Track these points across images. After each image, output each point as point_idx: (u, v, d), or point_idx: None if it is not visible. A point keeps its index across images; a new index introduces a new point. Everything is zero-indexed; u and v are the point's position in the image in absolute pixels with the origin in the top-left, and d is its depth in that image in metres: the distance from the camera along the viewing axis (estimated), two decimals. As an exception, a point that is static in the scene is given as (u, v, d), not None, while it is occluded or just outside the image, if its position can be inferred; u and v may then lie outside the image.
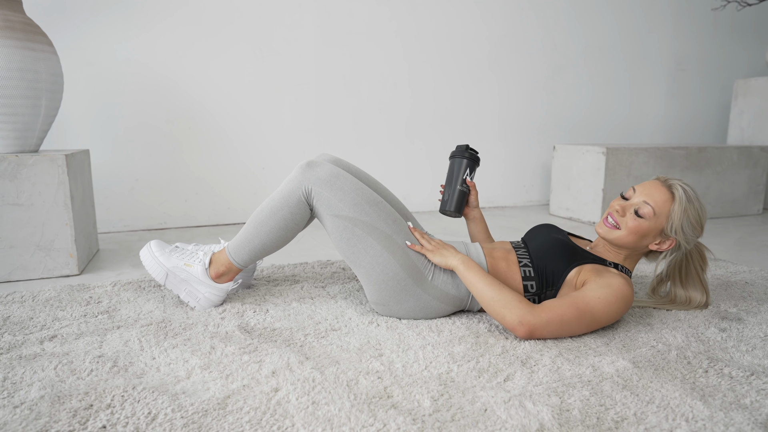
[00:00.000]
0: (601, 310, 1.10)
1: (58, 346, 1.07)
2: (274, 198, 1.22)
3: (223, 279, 1.28)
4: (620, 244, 1.22)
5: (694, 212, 1.18)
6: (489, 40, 2.85)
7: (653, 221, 1.18)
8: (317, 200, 1.19)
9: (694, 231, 1.20)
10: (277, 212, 1.21)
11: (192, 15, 2.28)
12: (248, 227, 1.24)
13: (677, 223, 1.18)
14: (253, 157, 2.47)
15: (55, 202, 1.57)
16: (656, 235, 1.20)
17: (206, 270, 1.26)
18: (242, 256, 1.25)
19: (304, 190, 1.20)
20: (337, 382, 0.92)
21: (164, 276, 1.27)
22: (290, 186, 1.20)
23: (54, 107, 1.71)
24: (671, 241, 1.20)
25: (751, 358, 1.05)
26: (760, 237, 2.29)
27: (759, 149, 2.81)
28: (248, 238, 1.24)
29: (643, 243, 1.21)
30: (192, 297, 1.28)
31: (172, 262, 1.27)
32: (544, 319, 1.07)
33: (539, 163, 3.10)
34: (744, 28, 3.50)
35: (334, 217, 1.19)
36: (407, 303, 1.21)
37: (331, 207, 1.19)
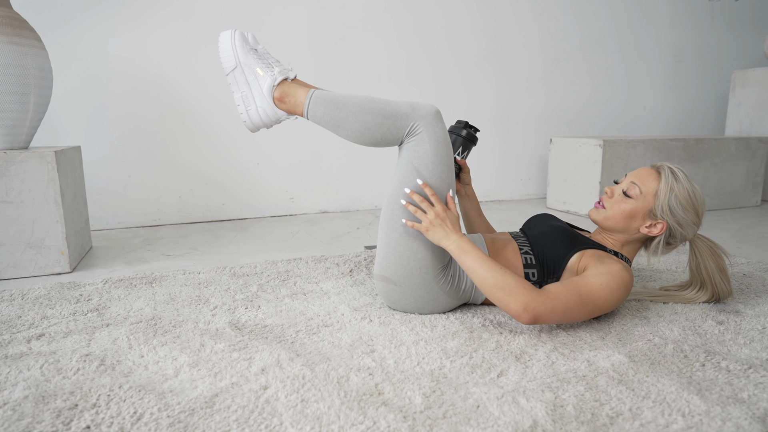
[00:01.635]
0: (603, 297, 1.08)
1: (45, 344, 1.05)
2: (389, 105, 1.15)
3: (282, 107, 1.21)
4: (609, 225, 1.21)
5: (682, 191, 1.15)
6: (485, 33, 2.82)
7: (640, 201, 1.17)
8: (416, 142, 1.14)
9: (686, 212, 1.16)
10: (378, 116, 1.15)
11: (184, 9, 2.25)
12: (345, 101, 1.17)
13: (663, 201, 1.15)
14: (247, 153, 2.45)
15: (45, 199, 1.55)
16: (645, 217, 1.18)
17: (273, 87, 1.20)
18: (316, 112, 1.18)
19: (413, 126, 1.14)
20: (327, 379, 0.91)
21: (232, 67, 1.21)
22: (409, 113, 1.14)
23: (43, 103, 1.69)
24: (661, 224, 1.17)
25: (749, 351, 1.04)
26: (758, 229, 2.28)
27: (757, 140, 2.79)
28: (337, 107, 1.16)
29: (633, 225, 1.19)
30: (245, 103, 1.22)
31: (248, 59, 1.21)
32: (549, 306, 1.03)
33: (536, 156, 3.08)
34: (742, 18, 3.48)
35: (415, 169, 1.14)
36: (419, 291, 1.18)
37: (421, 160, 1.14)
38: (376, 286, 1.25)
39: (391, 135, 1.16)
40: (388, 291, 1.21)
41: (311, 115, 1.19)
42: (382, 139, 1.16)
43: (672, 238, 1.21)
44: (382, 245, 1.19)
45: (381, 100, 1.16)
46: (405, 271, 1.17)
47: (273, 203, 2.54)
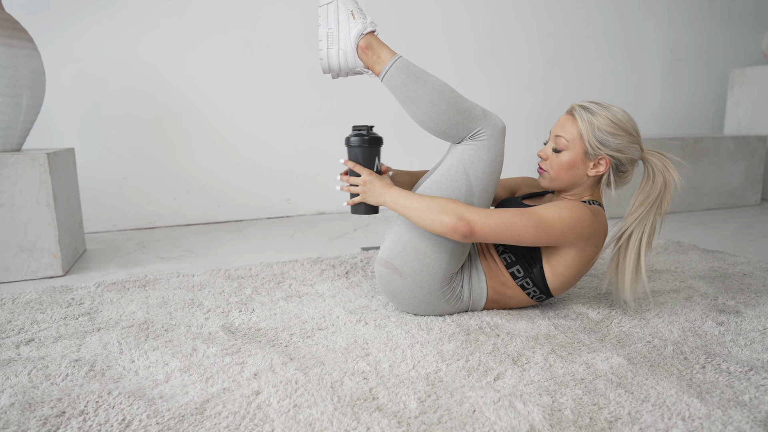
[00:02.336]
0: (550, 215, 1.08)
1: (34, 350, 1.03)
2: (466, 102, 1.14)
3: (363, 58, 1.18)
4: (560, 185, 1.19)
5: (602, 121, 1.12)
6: (483, 31, 2.81)
7: (571, 149, 1.15)
8: (475, 147, 1.13)
9: (616, 137, 1.11)
10: (452, 107, 1.13)
11: (178, 9, 2.23)
12: (427, 79, 1.15)
13: (590, 138, 1.12)
14: (243, 154, 2.44)
15: (38, 201, 1.54)
16: (585, 161, 1.15)
17: (361, 35, 1.17)
18: (394, 77, 1.15)
19: (479, 131, 1.13)
20: (320, 384, 0.89)
21: (329, 0, 1.17)
22: (480, 118, 1.13)
23: (36, 105, 1.67)
24: (603, 158, 1.13)
25: (749, 353, 1.02)
26: (758, 228, 2.26)
27: (756, 139, 2.78)
28: (417, 81, 1.14)
29: (579, 173, 1.16)
30: (328, 40, 1.19)
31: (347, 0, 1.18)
32: (483, 214, 1.06)
33: (534, 154, 3.06)
34: (740, 16, 3.46)
35: (464, 171, 1.13)
36: (422, 290, 1.16)
37: (474, 165, 1.13)
38: (377, 271, 1.21)
39: (455, 130, 1.14)
40: (389, 280, 1.18)
41: (387, 79, 1.16)
42: (446, 130, 1.15)
43: (621, 166, 1.15)
44: (401, 232, 1.17)
45: (459, 95, 1.15)
46: (415, 265, 1.15)
47: (269, 204, 2.52)
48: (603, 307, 1.27)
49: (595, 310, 1.24)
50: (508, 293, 1.21)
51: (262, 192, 2.50)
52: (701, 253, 1.78)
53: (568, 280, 1.17)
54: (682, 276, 1.53)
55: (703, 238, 2.07)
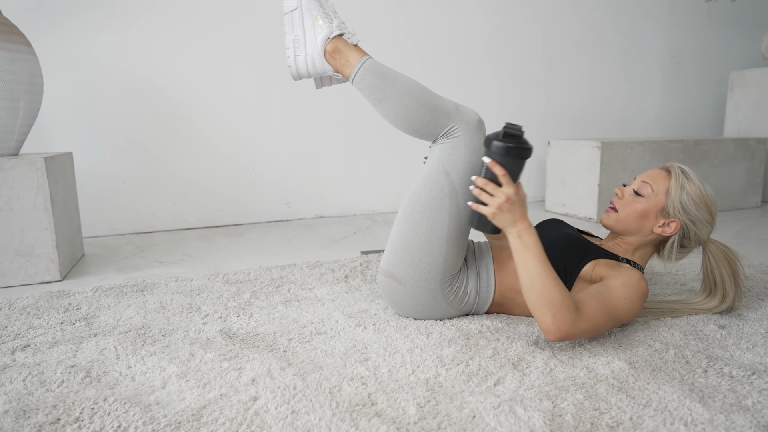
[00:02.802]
0: (626, 311, 1.04)
1: (30, 356, 1.02)
2: (436, 99, 1.12)
3: (332, 62, 1.18)
4: (622, 228, 1.18)
5: (693, 188, 1.13)
6: (481, 36, 2.81)
7: (652, 199, 1.15)
8: (452, 145, 1.10)
9: (698, 209, 1.13)
10: (422, 105, 1.11)
11: (178, 13, 2.23)
12: (396, 79, 1.13)
13: (675, 198, 1.13)
14: (242, 158, 2.43)
15: (35, 206, 1.53)
16: (657, 216, 1.15)
17: (327, 40, 1.16)
18: (363, 80, 1.14)
19: (452, 127, 1.11)
20: (319, 389, 0.88)
21: (293, 7, 1.17)
22: (452, 114, 1.11)
23: (33, 109, 1.67)
24: (675, 222, 1.14)
25: (752, 357, 1.01)
26: (758, 230, 2.26)
27: (756, 141, 2.77)
28: (385, 82, 1.13)
29: (646, 225, 1.15)
30: (294, 48, 1.18)
31: (311, 4, 1.17)
32: (580, 329, 0.98)
33: (534, 158, 3.06)
34: (738, 19, 3.47)
35: (444, 171, 1.11)
36: (422, 295, 1.15)
37: (452, 163, 1.11)
38: (379, 280, 1.21)
39: (428, 129, 1.13)
40: (390, 288, 1.18)
41: (357, 81, 1.16)
42: (419, 129, 1.14)
43: (686, 239, 1.16)
44: (394, 241, 1.16)
45: (430, 92, 1.14)
46: (413, 272, 1.14)
47: (269, 208, 2.51)
48: (604, 311, 1.26)
49: (595, 314, 1.23)
50: (517, 299, 1.19)
51: (261, 196, 2.49)
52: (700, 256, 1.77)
53: None
54: (684, 279, 1.52)
55: (704, 240, 2.06)
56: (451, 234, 1.12)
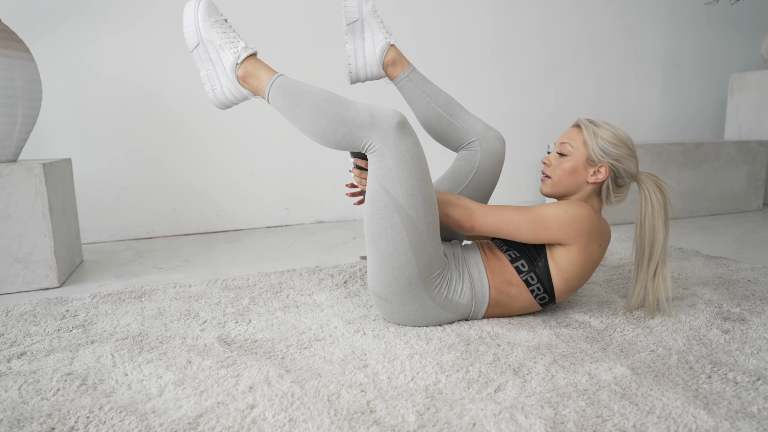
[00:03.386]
0: (548, 211, 1.12)
1: (26, 363, 1.01)
2: (348, 110, 1.10)
3: (246, 87, 1.19)
4: (560, 190, 1.22)
5: (605, 132, 1.19)
6: (481, 40, 2.81)
7: (575, 155, 1.20)
8: (377, 158, 1.09)
9: (617, 148, 1.18)
10: (332, 121, 1.10)
11: (176, 18, 2.23)
12: (303, 97, 1.12)
13: (594, 146, 1.18)
14: (241, 163, 2.42)
15: (33, 212, 1.52)
16: (586, 166, 1.19)
17: (236, 66, 1.17)
18: (275, 101, 1.15)
19: (369, 142, 1.09)
20: (317, 397, 0.87)
21: (195, 44, 1.18)
22: (367, 124, 1.08)
23: (32, 115, 1.66)
24: (604, 166, 1.18)
25: (756, 362, 1.00)
26: (761, 233, 2.24)
27: (757, 144, 2.76)
28: (294, 102, 1.13)
29: (580, 179, 1.20)
30: (210, 82, 1.20)
31: (210, 35, 1.17)
32: (483, 210, 1.15)
33: (534, 161, 3.05)
34: (738, 21, 3.46)
35: (383, 189, 1.08)
36: (411, 306, 1.15)
37: (386, 178, 1.08)
38: (372, 300, 1.22)
39: (347, 143, 1.11)
40: (381, 306, 1.19)
41: (272, 102, 1.16)
42: (337, 145, 1.12)
43: (619, 178, 1.20)
44: (369, 263, 1.17)
45: (340, 103, 1.10)
46: (394, 289, 1.13)
47: (268, 213, 2.51)
48: (605, 316, 1.24)
49: (597, 319, 1.22)
50: (512, 292, 1.18)
51: (260, 201, 2.48)
52: (704, 260, 1.76)
53: (572, 278, 1.16)
54: (686, 283, 1.51)
55: (706, 244, 2.05)
56: (414, 245, 1.10)
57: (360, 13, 1.33)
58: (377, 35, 1.35)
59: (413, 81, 1.37)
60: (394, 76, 1.38)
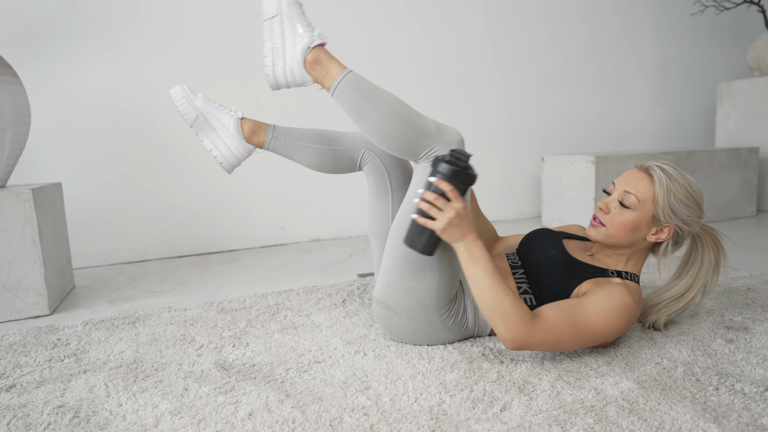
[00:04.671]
0: (600, 327, 1.01)
1: (15, 397, 0.98)
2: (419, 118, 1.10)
3: (311, 72, 1.17)
4: (614, 242, 1.13)
5: (679, 189, 1.09)
6: (472, 54, 2.83)
7: (640, 210, 1.09)
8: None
9: (689, 209, 1.10)
10: (404, 124, 1.09)
11: (166, 39, 2.23)
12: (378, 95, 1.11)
13: (664, 205, 1.08)
14: (235, 182, 2.41)
15: (22, 239, 1.50)
16: (649, 225, 1.11)
17: (308, 49, 1.15)
18: (344, 93, 1.12)
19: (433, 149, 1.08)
20: (319, 422, 0.85)
21: (272, 15, 1.15)
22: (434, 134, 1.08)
23: (21, 140, 1.64)
24: (668, 227, 1.10)
25: (763, 372, 0.98)
26: (756, 239, 2.25)
27: (748, 151, 2.78)
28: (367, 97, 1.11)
29: (639, 236, 1.12)
30: (273, 56, 1.17)
31: (291, 11, 1.16)
32: (539, 339, 0.99)
33: (528, 174, 3.06)
34: (724, 31, 3.52)
35: None
36: (419, 323, 1.12)
37: None
38: (374, 310, 1.18)
39: (409, 148, 1.10)
40: (386, 318, 1.15)
41: (337, 94, 1.13)
42: (399, 147, 1.11)
43: (680, 237, 1.13)
44: (386, 270, 1.13)
45: (412, 110, 1.11)
46: (407, 301, 1.11)
47: (263, 233, 2.48)
48: (608, 328, 1.23)
49: (600, 332, 1.21)
50: None
51: (255, 220, 2.46)
52: (703, 268, 1.75)
53: None
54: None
55: (703, 252, 2.05)
56: (442, 259, 1.09)
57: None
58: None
59: (280, 138, 1.30)
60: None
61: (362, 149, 1.29)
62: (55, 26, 2.07)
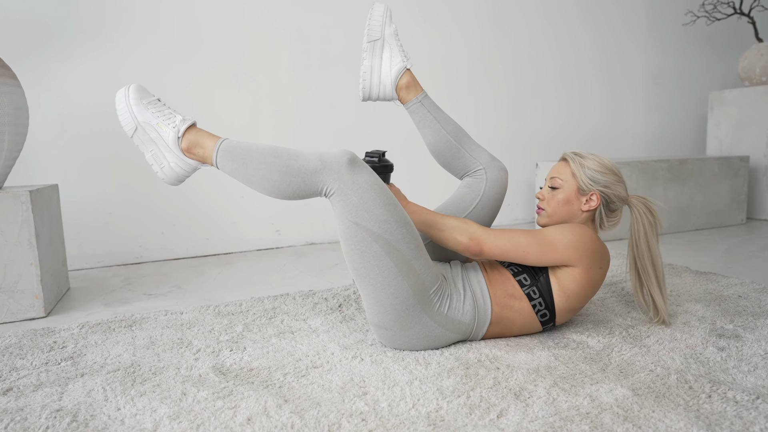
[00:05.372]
0: (554, 235, 1.16)
1: (12, 400, 0.98)
2: (297, 160, 1.10)
3: (193, 157, 1.18)
4: (557, 220, 1.27)
5: (590, 162, 1.25)
6: (466, 60, 2.85)
7: (566, 187, 1.26)
8: (340, 198, 1.09)
9: (604, 175, 1.24)
10: (284, 173, 1.10)
11: (165, 42, 2.23)
12: (251, 156, 1.12)
13: (582, 176, 1.24)
14: (231, 185, 2.41)
15: (19, 240, 1.49)
16: (578, 196, 1.25)
17: (178, 140, 1.16)
18: (224, 166, 1.14)
19: (326, 186, 1.10)
20: (317, 428, 0.85)
21: (133, 129, 1.18)
22: (319, 169, 1.09)
23: (18, 142, 1.64)
24: (595, 194, 1.24)
25: (754, 379, 1.00)
26: (746, 247, 2.28)
27: (738, 159, 2.82)
28: (243, 163, 1.12)
29: (575, 208, 1.26)
30: (157, 162, 1.19)
31: (146, 116, 1.17)
32: (492, 236, 1.17)
33: (522, 180, 3.08)
34: (715, 41, 3.57)
35: (354, 224, 1.09)
36: (412, 330, 1.14)
37: (354, 213, 1.09)
38: (372, 330, 1.23)
39: (304, 191, 1.12)
40: (382, 335, 1.18)
41: (221, 168, 1.16)
42: (296, 194, 1.12)
43: (611, 203, 1.26)
44: (363, 297, 1.16)
45: (289, 155, 1.11)
46: (393, 316, 1.13)
47: (258, 236, 2.49)
48: (602, 335, 1.25)
49: (594, 339, 1.22)
50: (514, 306, 1.18)
51: (251, 224, 2.47)
52: (694, 275, 1.77)
53: (573, 296, 1.17)
54: (678, 299, 1.52)
55: (694, 259, 2.07)
56: (401, 267, 1.10)
57: (382, 33, 1.37)
58: (395, 57, 1.38)
59: (425, 106, 1.40)
60: (406, 100, 1.40)
61: (480, 167, 1.38)
62: (53, 27, 2.06)
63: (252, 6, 2.36)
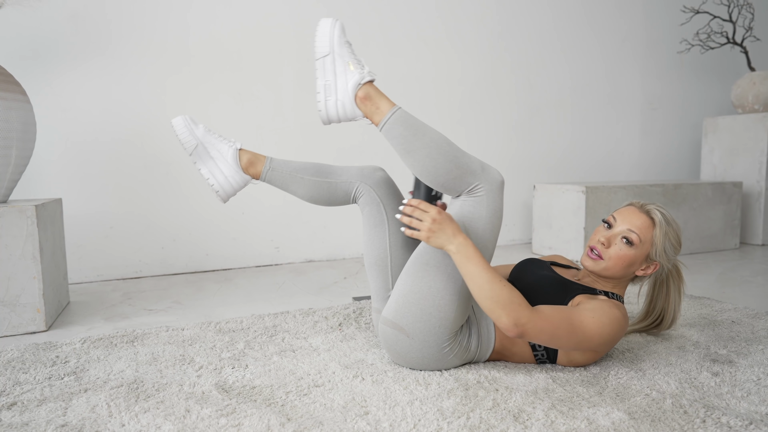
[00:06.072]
0: (593, 329, 1.10)
1: (17, 415, 0.99)
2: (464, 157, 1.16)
3: (362, 108, 1.21)
4: (608, 275, 1.23)
5: (673, 234, 1.22)
6: (465, 83, 2.90)
7: (639, 249, 1.20)
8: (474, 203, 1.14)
9: (675, 251, 1.23)
10: (450, 161, 1.14)
11: (169, 60, 2.27)
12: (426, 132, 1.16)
13: (660, 248, 1.21)
14: (232, 202, 2.43)
15: (23, 254, 1.51)
16: (642, 262, 1.22)
17: (359, 85, 1.19)
18: (392, 129, 1.16)
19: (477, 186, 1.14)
20: (320, 447, 0.87)
21: (324, 53, 1.20)
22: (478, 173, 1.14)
23: (25, 156, 1.66)
24: (655, 264, 1.23)
25: (747, 405, 1.02)
26: (739, 272, 2.31)
27: (732, 185, 2.87)
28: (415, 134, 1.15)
29: (630, 270, 1.22)
30: (325, 92, 1.22)
31: (342, 50, 1.21)
32: (538, 327, 1.05)
33: (519, 201, 3.12)
34: (709, 69, 3.65)
35: (463, 226, 1.14)
36: (429, 349, 1.15)
37: (472, 220, 1.14)
38: (382, 331, 1.19)
39: (453, 184, 1.15)
40: (395, 340, 1.16)
41: (386, 130, 1.17)
42: (444, 184, 1.16)
43: (659, 272, 1.28)
44: (404, 293, 1.15)
45: (457, 148, 1.16)
46: (422, 326, 1.13)
47: (258, 253, 2.50)
48: (599, 358, 1.27)
49: (591, 362, 1.24)
50: (514, 349, 1.21)
51: (250, 240, 2.48)
52: (688, 300, 1.80)
53: (575, 358, 1.20)
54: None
55: (689, 283, 2.10)
56: (462, 289, 1.14)
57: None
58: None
59: (276, 170, 1.34)
60: (258, 175, 1.34)
61: (357, 183, 1.33)
62: (60, 44, 2.10)
63: (253, 19, 2.41)
